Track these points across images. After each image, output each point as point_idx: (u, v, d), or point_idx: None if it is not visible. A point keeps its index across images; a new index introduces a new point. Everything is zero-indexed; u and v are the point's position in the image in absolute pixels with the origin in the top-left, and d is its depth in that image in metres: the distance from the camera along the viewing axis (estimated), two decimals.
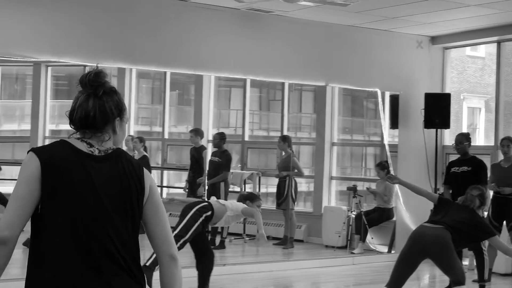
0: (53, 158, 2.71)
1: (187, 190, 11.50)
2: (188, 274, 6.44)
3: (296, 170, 10.99)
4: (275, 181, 11.38)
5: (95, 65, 3.04)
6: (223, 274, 8.95)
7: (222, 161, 10.77)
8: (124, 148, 11.23)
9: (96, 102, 2.78)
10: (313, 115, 12.99)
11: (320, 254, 10.82)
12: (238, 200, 7.31)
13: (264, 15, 9.62)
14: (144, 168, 2.88)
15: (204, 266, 7.26)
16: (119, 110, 2.83)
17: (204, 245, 7.38)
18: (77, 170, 2.71)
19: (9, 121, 15.25)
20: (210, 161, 11.00)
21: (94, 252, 2.68)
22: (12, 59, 9.43)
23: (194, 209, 6.96)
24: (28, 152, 2.75)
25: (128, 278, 2.75)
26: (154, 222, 2.85)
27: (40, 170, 2.69)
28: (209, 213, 7.00)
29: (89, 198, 2.70)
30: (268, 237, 8.29)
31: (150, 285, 6.69)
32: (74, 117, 2.79)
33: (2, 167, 11.23)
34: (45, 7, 8.37)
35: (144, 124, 15.14)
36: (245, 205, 7.14)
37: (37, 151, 2.74)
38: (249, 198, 7.35)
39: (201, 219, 6.94)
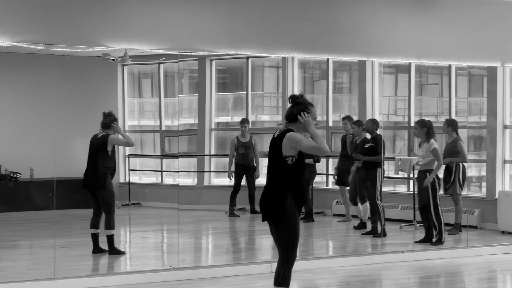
0: None
1: (335, 178, 11.84)
2: None
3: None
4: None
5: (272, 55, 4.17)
6: (400, 262, 8.94)
7: (374, 146, 10.82)
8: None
9: (289, 109, 5.83)
10: (469, 99, 12.49)
11: (497, 241, 10.49)
12: None
13: None
14: (290, 133, 5.72)
15: None
16: (299, 112, 5.74)
17: None
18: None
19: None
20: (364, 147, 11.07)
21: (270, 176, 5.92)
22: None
23: None
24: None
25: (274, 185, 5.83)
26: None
27: None
28: None
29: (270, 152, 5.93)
30: None
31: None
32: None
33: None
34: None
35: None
36: None
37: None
38: None
39: None
